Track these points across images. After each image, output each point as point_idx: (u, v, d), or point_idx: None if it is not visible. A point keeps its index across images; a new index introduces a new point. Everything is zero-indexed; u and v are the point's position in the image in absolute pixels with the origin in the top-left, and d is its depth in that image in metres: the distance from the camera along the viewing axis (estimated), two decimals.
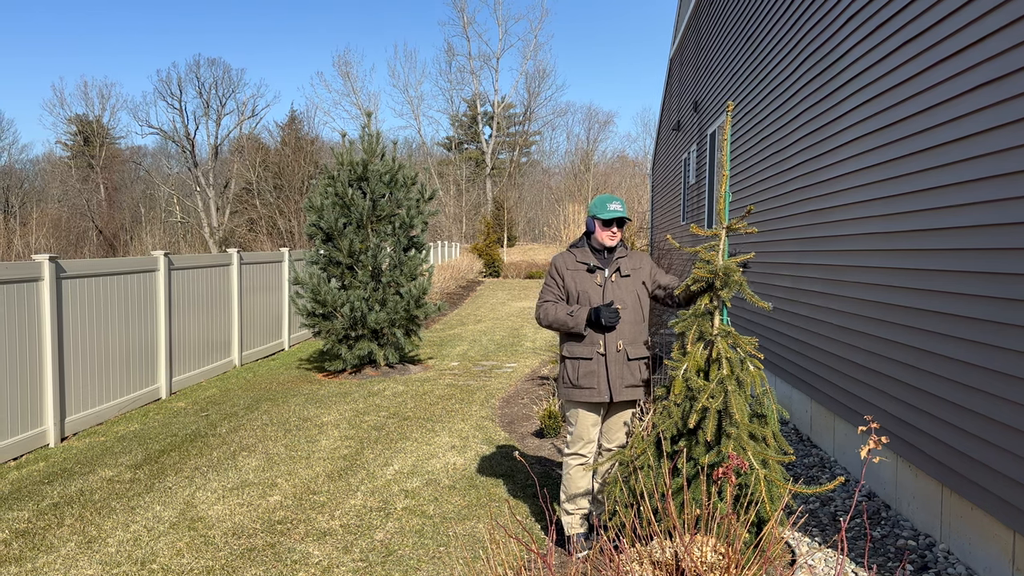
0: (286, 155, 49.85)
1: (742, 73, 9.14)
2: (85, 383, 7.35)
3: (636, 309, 4.10)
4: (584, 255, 4.15)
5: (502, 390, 8.83)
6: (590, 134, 59.45)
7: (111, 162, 53.82)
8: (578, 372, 4.05)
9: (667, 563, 2.99)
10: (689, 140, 13.75)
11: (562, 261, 4.20)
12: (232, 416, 7.63)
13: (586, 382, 4.03)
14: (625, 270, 4.14)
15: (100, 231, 49.30)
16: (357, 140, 10.18)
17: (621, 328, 4.05)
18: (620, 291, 4.09)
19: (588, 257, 4.14)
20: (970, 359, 3.77)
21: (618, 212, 4.08)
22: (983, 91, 3.68)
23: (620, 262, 4.15)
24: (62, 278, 6.98)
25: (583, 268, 4.12)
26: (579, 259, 4.15)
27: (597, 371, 4.02)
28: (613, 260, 4.15)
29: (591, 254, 4.15)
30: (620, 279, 4.12)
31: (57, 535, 4.60)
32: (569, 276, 4.14)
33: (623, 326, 4.05)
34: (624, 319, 4.05)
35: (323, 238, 9.91)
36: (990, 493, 3.58)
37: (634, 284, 4.13)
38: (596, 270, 4.12)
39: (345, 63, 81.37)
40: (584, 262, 4.13)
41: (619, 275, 4.12)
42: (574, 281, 4.12)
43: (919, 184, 4.35)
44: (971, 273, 3.79)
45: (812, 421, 6.40)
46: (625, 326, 4.05)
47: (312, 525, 4.71)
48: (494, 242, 33.68)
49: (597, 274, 4.11)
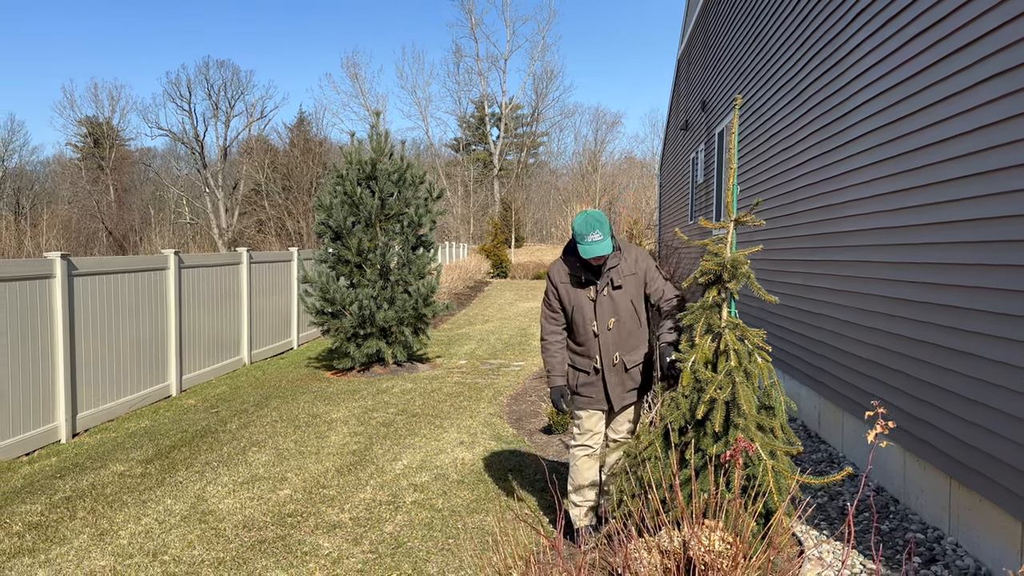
0: (294, 156, 50.05)
1: (751, 71, 9.15)
2: (96, 380, 7.40)
3: (632, 318, 4.04)
4: (575, 267, 4.02)
5: (510, 388, 8.85)
6: (598, 135, 59.52)
7: (121, 163, 54.12)
8: (577, 381, 4.10)
9: (675, 552, 3.00)
10: (697, 140, 13.75)
11: (556, 274, 4.09)
12: (242, 413, 7.67)
13: (585, 391, 4.07)
14: (617, 280, 3.99)
15: (110, 232, 49.57)
16: (366, 139, 10.23)
17: (617, 339, 4.01)
18: (612, 304, 4.00)
19: (579, 270, 4.01)
20: (980, 352, 3.77)
21: (594, 252, 3.84)
22: (994, 82, 3.68)
23: (611, 273, 3.99)
24: (74, 275, 7.04)
25: (574, 281, 4.04)
26: (571, 271, 4.03)
27: (595, 383, 4.05)
28: (604, 272, 4.00)
29: (580, 267, 4.00)
30: (612, 291, 4.00)
31: (70, 528, 4.65)
32: (563, 289, 4.06)
33: (619, 337, 4.02)
34: (619, 330, 4.02)
35: (332, 236, 9.95)
36: (999, 485, 3.58)
37: (627, 294, 4.02)
38: (588, 284, 4.02)
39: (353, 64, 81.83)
40: (575, 275, 4.02)
41: (611, 287, 4.00)
42: (568, 295, 4.05)
43: (930, 178, 4.35)
44: (981, 266, 3.80)
45: (820, 417, 6.40)
46: (621, 336, 4.02)
47: (322, 518, 4.74)
48: (502, 243, 33.72)
49: (589, 288, 4.02)
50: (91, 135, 54.75)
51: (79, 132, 55.79)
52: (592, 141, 57.80)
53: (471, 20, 54.11)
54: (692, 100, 14.64)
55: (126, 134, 61.25)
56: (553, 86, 75.66)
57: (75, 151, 56.03)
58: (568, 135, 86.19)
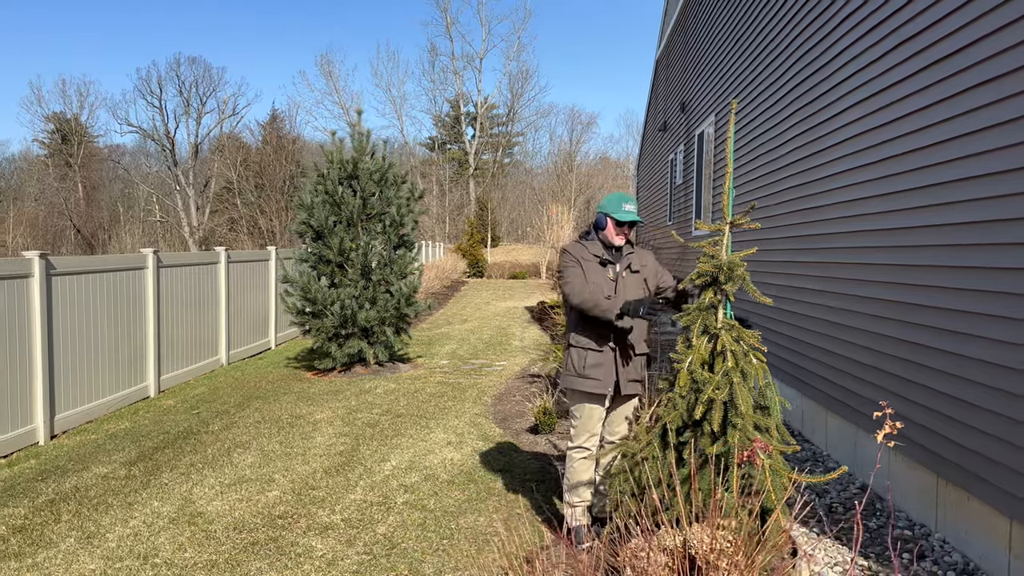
0: (267, 154, 49.57)
1: (732, 73, 9.24)
2: (74, 381, 7.29)
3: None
4: (596, 248, 4.18)
5: (493, 388, 8.86)
6: (573, 135, 59.52)
7: (89, 160, 53.22)
8: (584, 362, 4.08)
9: (677, 549, 3.03)
10: (676, 141, 13.85)
11: (577, 251, 4.20)
12: (224, 414, 7.60)
13: (592, 373, 4.06)
14: (635, 267, 4.19)
15: (78, 230, 48.75)
16: (347, 138, 10.18)
17: (630, 321, 4.09)
18: (630, 287, 4.14)
19: (600, 251, 4.18)
20: (964, 351, 3.86)
21: (632, 215, 4.13)
22: (978, 91, 3.77)
23: (630, 258, 4.20)
24: (52, 275, 6.92)
25: (596, 261, 4.15)
26: (592, 251, 4.17)
27: (605, 363, 4.06)
28: (624, 256, 4.20)
29: (602, 248, 4.19)
30: (630, 275, 4.17)
31: (55, 531, 4.57)
32: (586, 266, 4.15)
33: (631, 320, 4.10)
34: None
35: (313, 236, 9.88)
36: (986, 482, 3.67)
37: (640, 282, 4.19)
38: (608, 264, 4.15)
39: (327, 62, 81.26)
40: (597, 255, 4.16)
41: (629, 271, 4.18)
42: (589, 271, 4.14)
43: (912, 183, 4.43)
44: (964, 268, 3.88)
45: (804, 416, 6.49)
46: (633, 320, 4.10)
47: (313, 519, 4.72)
48: (478, 242, 33.70)
49: (609, 268, 4.15)
50: (59, 131, 53.78)
51: (46, 128, 54.80)
52: (567, 141, 57.94)
53: (446, 19, 54.08)
54: (671, 101, 14.75)
55: (95, 130, 60.24)
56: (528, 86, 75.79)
57: (42, 147, 55.01)
58: (543, 135, 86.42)
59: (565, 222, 32.78)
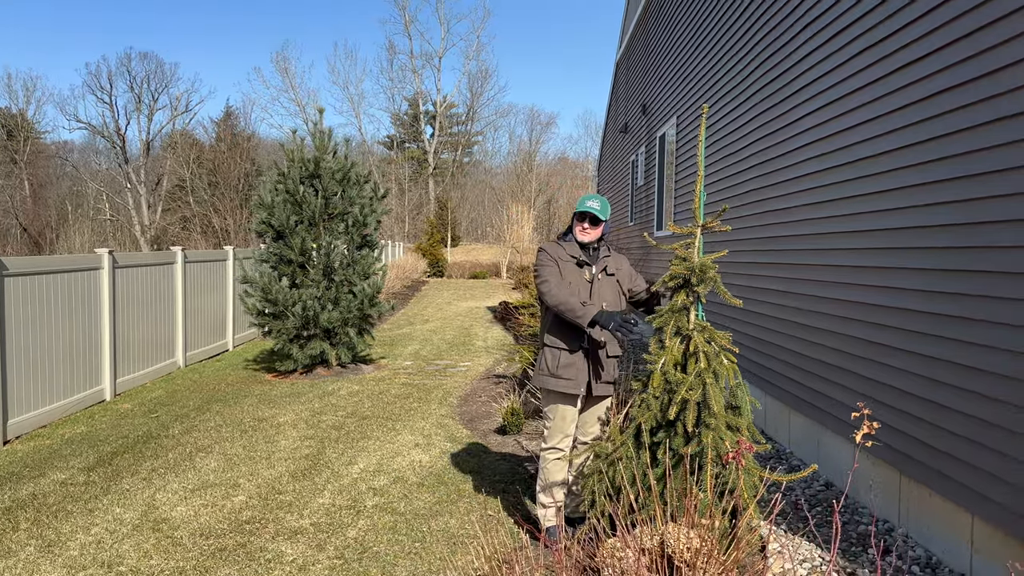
0: (221, 152, 48.73)
1: (694, 76, 9.35)
2: (28, 384, 7.07)
3: (616, 308, 4.19)
4: (573, 249, 4.21)
5: (459, 389, 8.84)
6: (532, 135, 59.71)
7: (36, 157, 51.66)
8: (558, 362, 4.10)
9: (653, 549, 3.06)
10: (637, 142, 13.97)
11: (554, 250, 4.22)
12: (183, 417, 7.45)
13: (565, 373, 4.08)
14: (611, 270, 4.24)
15: (25, 229, 47.31)
16: (308, 137, 10.05)
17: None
18: (605, 289, 4.18)
19: (577, 251, 4.20)
20: (927, 352, 3.96)
21: (590, 208, 4.15)
22: (946, 96, 3.87)
23: (607, 261, 4.24)
24: (4, 276, 6.71)
25: (572, 261, 4.17)
26: (569, 252, 4.19)
27: (577, 364, 4.08)
28: (600, 259, 4.23)
29: (579, 249, 4.21)
30: (605, 277, 4.21)
31: (13, 540, 4.44)
32: (562, 266, 4.16)
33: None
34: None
35: (274, 236, 9.74)
36: (949, 479, 3.77)
37: (615, 285, 4.23)
38: (584, 265, 4.18)
39: (283, 59, 79.96)
40: (573, 255, 4.19)
41: (605, 274, 4.22)
42: (564, 271, 4.15)
43: (878, 186, 4.54)
44: (932, 271, 3.99)
45: (767, 415, 6.60)
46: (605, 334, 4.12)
47: (282, 524, 4.65)
48: (438, 242, 33.59)
49: (585, 270, 4.17)
50: (4, 127, 52.09)
51: None
52: (527, 141, 58.05)
53: (404, 17, 53.80)
54: (632, 103, 14.87)
55: (42, 127, 58.57)
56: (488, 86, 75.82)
57: None
58: (503, 135, 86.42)
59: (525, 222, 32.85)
